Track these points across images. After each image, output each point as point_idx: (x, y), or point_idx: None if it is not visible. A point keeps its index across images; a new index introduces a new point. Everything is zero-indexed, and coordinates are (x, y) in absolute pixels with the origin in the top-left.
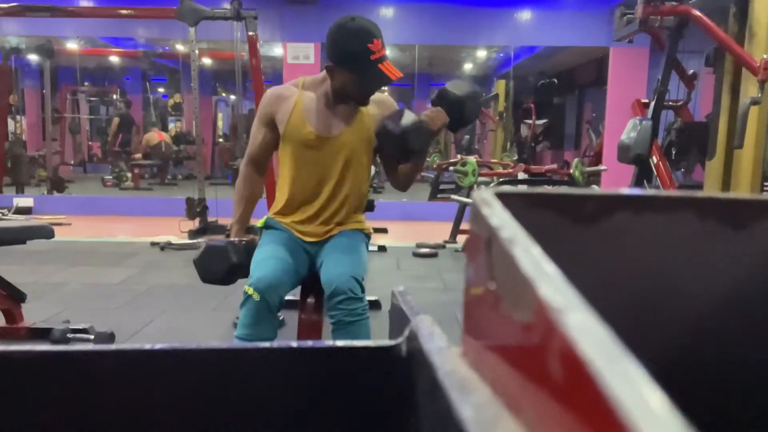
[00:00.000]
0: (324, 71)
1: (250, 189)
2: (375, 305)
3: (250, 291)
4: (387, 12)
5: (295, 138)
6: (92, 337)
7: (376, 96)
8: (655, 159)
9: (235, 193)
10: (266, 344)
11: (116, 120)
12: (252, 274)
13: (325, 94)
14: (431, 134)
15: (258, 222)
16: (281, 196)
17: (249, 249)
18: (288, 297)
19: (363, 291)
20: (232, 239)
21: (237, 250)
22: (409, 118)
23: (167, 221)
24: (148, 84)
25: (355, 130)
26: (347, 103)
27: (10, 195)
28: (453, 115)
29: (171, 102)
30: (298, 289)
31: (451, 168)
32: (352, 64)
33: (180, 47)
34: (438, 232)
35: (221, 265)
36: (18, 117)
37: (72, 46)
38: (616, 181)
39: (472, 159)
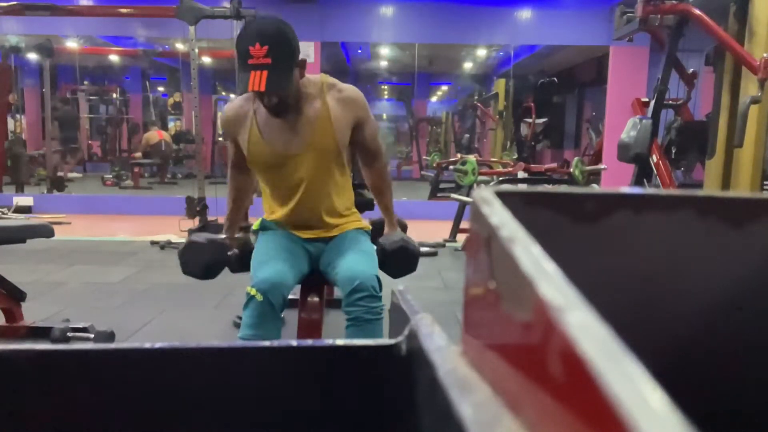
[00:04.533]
0: None
1: (237, 189)
2: None
3: (253, 292)
4: (387, 11)
5: (258, 161)
6: (92, 335)
7: (345, 94)
8: (655, 158)
9: (227, 195)
10: (266, 343)
11: (55, 123)
12: (254, 275)
13: None
14: (416, 256)
15: (254, 225)
16: (267, 206)
17: (241, 246)
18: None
19: (381, 290)
20: (214, 237)
21: (215, 248)
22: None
23: (167, 220)
24: (147, 83)
25: (317, 137)
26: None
27: (10, 194)
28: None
29: (171, 101)
30: (298, 287)
31: (451, 167)
32: (238, 62)
33: (180, 46)
34: (438, 230)
35: (198, 261)
36: (18, 116)
37: (72, 45)
38: (616, 180)
39: (472, 158)
